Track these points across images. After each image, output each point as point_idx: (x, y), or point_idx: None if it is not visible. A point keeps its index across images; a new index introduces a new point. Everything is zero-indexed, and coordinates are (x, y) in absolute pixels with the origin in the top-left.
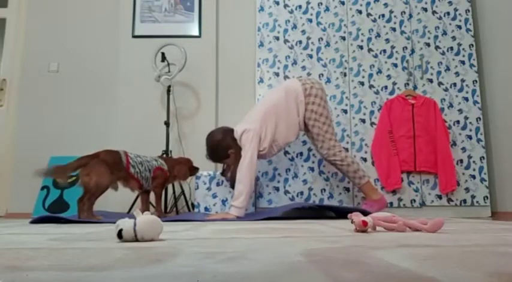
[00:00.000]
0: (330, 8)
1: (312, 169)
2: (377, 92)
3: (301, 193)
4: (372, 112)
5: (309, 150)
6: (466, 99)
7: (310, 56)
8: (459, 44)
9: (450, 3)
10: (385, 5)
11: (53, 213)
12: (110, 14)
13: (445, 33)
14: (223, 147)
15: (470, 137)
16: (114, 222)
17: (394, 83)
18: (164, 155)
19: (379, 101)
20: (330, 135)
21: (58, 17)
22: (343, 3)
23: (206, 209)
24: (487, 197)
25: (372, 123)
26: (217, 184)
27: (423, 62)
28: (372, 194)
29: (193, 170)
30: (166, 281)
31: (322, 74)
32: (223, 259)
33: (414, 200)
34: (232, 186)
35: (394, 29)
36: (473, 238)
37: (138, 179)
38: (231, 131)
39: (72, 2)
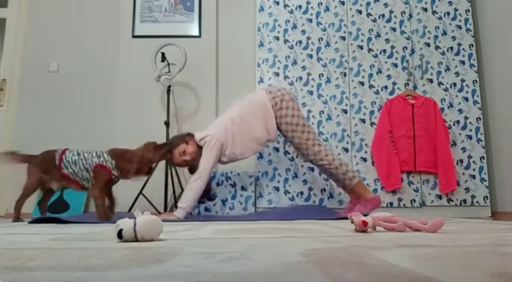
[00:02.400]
0: (330, 8)
1: (312, 169)
2: (377, 92)
3: (301, 193)
4: (372, 112)
5: None
6: (466, 99)
7: (310, 56)
8: (459, 44)
9: (450, 3)
10: (385, 5)
11: (53, 214)
12: (110, 14)
13: (445, 33)
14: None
15: (470, 137)
16: (114, 222)
17: (394, 83)
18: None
19: (379, 101)
20: (312, 142)
21: (58, 17)
22: (343, 3)
23: (206, 209)
24: (487, 197)
25: (372, 123)
26: (217, 184)
27: (423, 62)
28: (365, 193)
29: (162, 152)
30: (166, 281)
31: (322, 74)
32: (223, 259)
33: (414, 200)
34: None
35: (394, 29)
36: (473, 238)
37: (74, 180)
38: (188, 135)
39: (72, 2)
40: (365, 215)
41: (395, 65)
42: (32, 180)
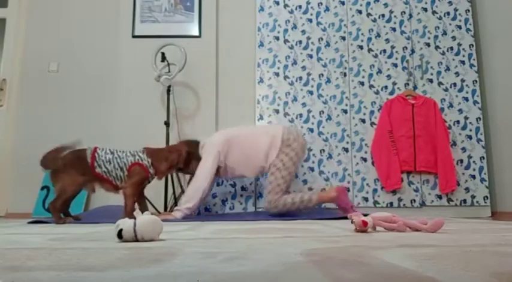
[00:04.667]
0: (330, 8)
1: (312, 169)
2: (377, 92)
3: None
4: (372, 112)
5: (309, 150)
6: (466, 99)
7: (310, 56)
8: (459, 44)
9: (450, 3)
10: (385, 5)
11: None
12: (110, 14)
13: (445, 33)
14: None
15: (470, 137)
16: (114, 222)
17: (394, 83)
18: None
19: (379, 101)
20: (278, 189)
21: (58, 17)
22: (343, 3)
23: (206, 209)
24: (487, 197)
25: (372, 123)
26: (217, 184)
27: (423, 62)
28: (331, 196)
29: (193, 149)
30: (166, 281)
31: (322, 74)
32: (223, 259)
33: (414, 200)
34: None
35: (394, 29)
36: (473, 238)
37: (107, 179)
38: (195, 143)
39: (72, 2)
40: (365, 215)
41: (395, 65)
42: (72, 184)
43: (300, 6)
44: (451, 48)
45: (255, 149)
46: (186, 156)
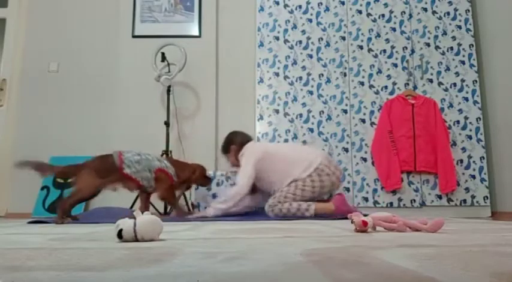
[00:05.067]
0: (330, 8)
1: None
2: (377, 92)
3: None
4: (372, 112)
5: None
6: (466, 99)
7: (310, 56)
8: (459, 44)
9: (450, 3)
10: (385, 5)
11: (53, 214)
12: (110, 14)
13: (445, 33)
14: (228, 140)
15: (470, 137)
16: (114, 222)
17: (394, 83)
18: (164, 156)
19: (379, 101)
20: (282, 199)
21: (58, 17)
22: (343, 3)
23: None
24: (487, 197)
25: (372, 123)
26: (217, 184)
27: (423, 62)
28: (330, 208)
29: (205, 180)
30: (166, 281)
31: (322, 74)
32: (223, 259)
33: (414, 200)
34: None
35: (394, 29)
36: (473, 238)
37: (135, 179)
38: (248, 137)
39: (72, 2)
40: (365, 215)
41: (395, 65)
42: (87, 184)
43: (300, 6)
44: (451, 48)
45: (286, 172)
46: (199, 177)
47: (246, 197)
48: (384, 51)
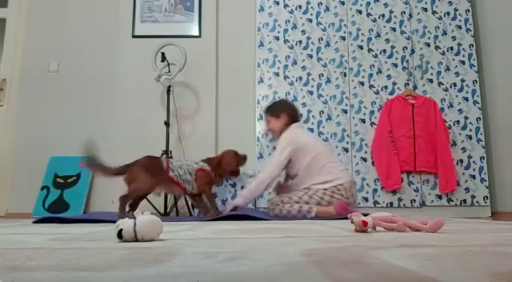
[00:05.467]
0: (330, 8)
1: None
2: (377, 92)
3: None
4: (372, 112)
5: None
6: (466, 99)
7: (310, 56)
8: (459, 44)
9: (450, 3)
10: (385, 5)
11: (53, 213)
12: (110, 14)
13: (445, 33)
14: (282, 105)
15: (470, 137)
16: (115, 222)
17: (394, 83)
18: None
19: (379, 101)
20: (286, 200)
21: (58, 17)
22: (343, 3)
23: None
24: (487, 197)
25: (372, 123)
26: (218, 184)
27: (423, 62)
28: (329, 212)
29: (241, 160)
30: (166, 281)
31: (322, 74)
32: (223, 259)
33: (414, 200)
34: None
35: (394, 29)
36: (473, 238)
37: (178, 183)
38: (297, 117)
39: (72, 2)
40: (365, 215)
41: (395, 65)
42: (143, 183)
43: (300, 6)
44: (451, 48)
45: (308, 176)
46: (228, 162)
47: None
48: (384, 51)
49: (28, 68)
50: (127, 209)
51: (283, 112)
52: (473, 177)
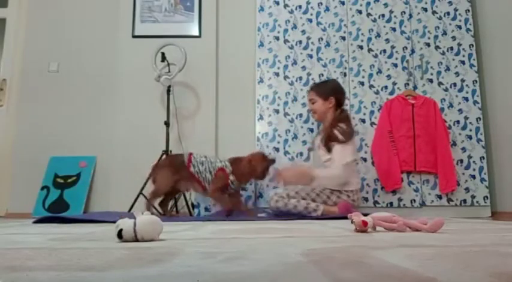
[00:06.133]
0: (330, 8)
1: None
2: (377, 92)
3: None
4: (372, 112)
5: (309, 150)
6: (466, 99)
7: (310, 56)
8: (459, 44)
9: (450, 3)
10: (385, 5)
11: (53, 214)
12: (110, 14)
13: (445, 33)
14: (332, 87)
15: (470, 137)
16: (114, 222)
17: (394, 83)
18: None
19: (379, 101)
20: (293, 194)
21: (58, 17)
22: (343, 3)
23: (206, 209)
24: (487, 197)
25: (372, 123)
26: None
27: (423, 62)
28: (333, 211)
29: (270, 162)
30: (166, 281)
31: (322, 74)
32: (223, 259)
33: (414, 200)
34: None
35: (394, 29)
36: (473, 238)
37: (199, 180)
38: (344, 101)
39: (72, 2)
40: (365, 215)
41: (395, 65)
42: (164, 181)
43: (300, 6)
44: (451, 48)
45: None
46: (257, 164)
47: None
48: (384, 51)
49: (28, 68)
50: (158, 208)
51: (332, 95)
52: (473, 177)
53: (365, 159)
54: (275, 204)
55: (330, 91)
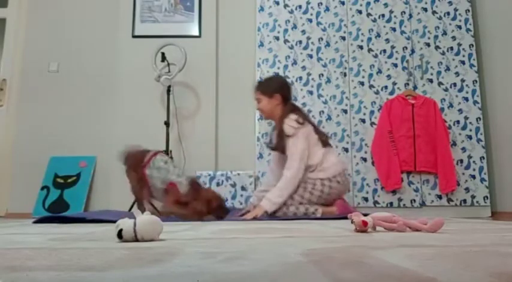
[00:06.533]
0: (330, 8)
1: None
2: (377, 92)
3: None
4: (372, 112)
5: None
6: (466, 99)
7: (310, 56)
8: (459, 44)
9: (450, 3)
10: (385, 5)
11: (54, 213)
12: (110, 14)
13: (445, 33)
14: (276, 84)
15: (470, 137)
16: (114, 222)
17: (394, 83)
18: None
19: (379, 101)
20: (290, 201)
21: (58, 17)
22: (343, 3)
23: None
24: (487, 197)
25: (372, 123)
26: (217, 184)
27: (423, 62)
28: (332, 212)
29: (220, 212)
30: (166, 281)
31: (322, 74)
32: (223, 259)
33: (414, 200)
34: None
35: (394, 29)
36: (473, 238)
37: (148, 185)
38: (291, 95)
39: (72, 2)
40: (365, 215)
41: (396, 65)
42: (133, 180)
43: (300, 6)
44: (451, 48)
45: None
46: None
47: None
48: (384, 51)
49: (28, 68)
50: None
51: (277, 92)
52: (473, 177)
53: (365, 159)
54: (275, 215)
55: (274, 88)
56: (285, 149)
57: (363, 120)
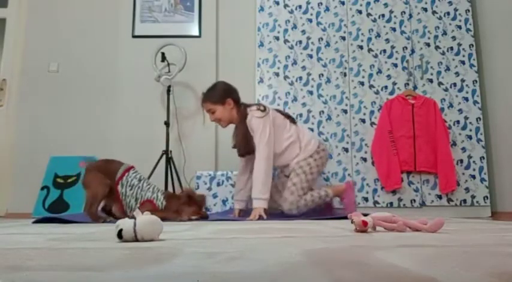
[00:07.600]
0: (330, 8)
1: None
2: (377, 92)
3: None
4: (372, 112)
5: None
6: (466, 99)
7: (310, 56)
8: (459, 44)
9: (450, 3)
10: (385, 5)
11: (53, 214)
12: (110, 14)
13: (445, 33)
14: (222, 89)
15: (470, 137)
16: (114, 222)
17: (394, 83)
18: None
19: (379, 101)
20: (301, 192)
21: (58, 17)
22: (343, 3)
23: (206, 209)
24: (487, 197)
25: (372, 123)
26: (218, 184)
27: (423, 62)
28: (341, 190)
29: (194, 203)
30: (166, 281)
31: (322, 74)
32: (223, 259)
33: (414, 200)
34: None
35: (394, 29)
36: (473, 238)
37: (120, 201)
38: (238, 95)
39: (72, 2)
40: (365, 215)
41: (396, 65)
42: (97, 184)
43: (300, 6)
44: (451, 48)
45: (295, 142)
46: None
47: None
48: (384, 51)
49: (28, 68)
50: (103, 215)
51: (227, 97)
52: (473, 177)
53: (365, 159)
54: (297, 211)
55: (223, 94)
56: (254, 147)
57: (363, 120)
